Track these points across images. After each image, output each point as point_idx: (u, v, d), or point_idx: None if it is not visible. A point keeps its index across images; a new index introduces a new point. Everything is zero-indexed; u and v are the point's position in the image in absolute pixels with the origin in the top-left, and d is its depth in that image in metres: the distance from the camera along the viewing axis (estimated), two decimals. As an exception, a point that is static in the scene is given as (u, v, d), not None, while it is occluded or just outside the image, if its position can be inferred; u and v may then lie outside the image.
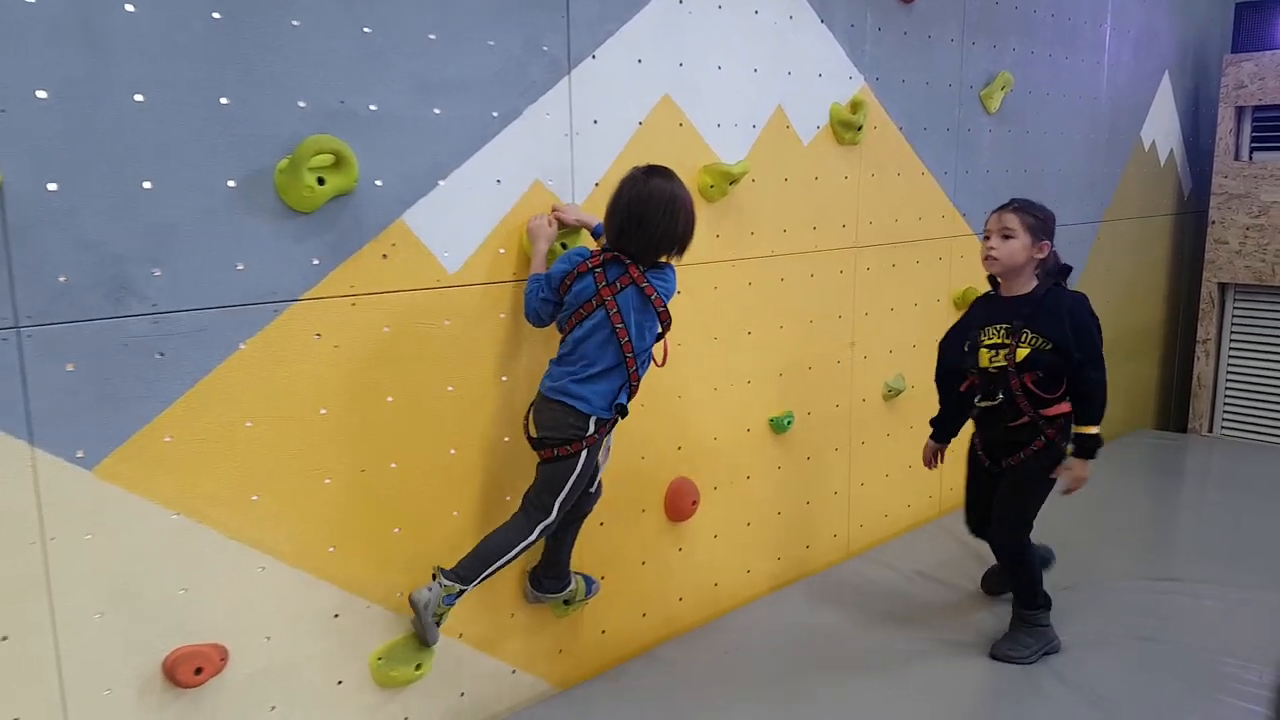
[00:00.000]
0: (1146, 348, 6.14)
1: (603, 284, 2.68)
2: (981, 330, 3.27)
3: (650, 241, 2.67)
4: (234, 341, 2.38)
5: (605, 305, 2.67)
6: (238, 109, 2.31)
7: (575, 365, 2.71)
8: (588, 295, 2.68)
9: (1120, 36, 5.29)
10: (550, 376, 2.76)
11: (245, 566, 2.47)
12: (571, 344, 2.72)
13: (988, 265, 3.27)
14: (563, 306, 2.75)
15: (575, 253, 2.77)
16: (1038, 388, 3.19)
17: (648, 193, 2.65)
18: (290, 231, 2.43)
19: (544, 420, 2.75)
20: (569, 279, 2.70)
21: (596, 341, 2.69)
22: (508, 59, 2.78)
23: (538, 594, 3.03)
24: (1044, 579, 3.44)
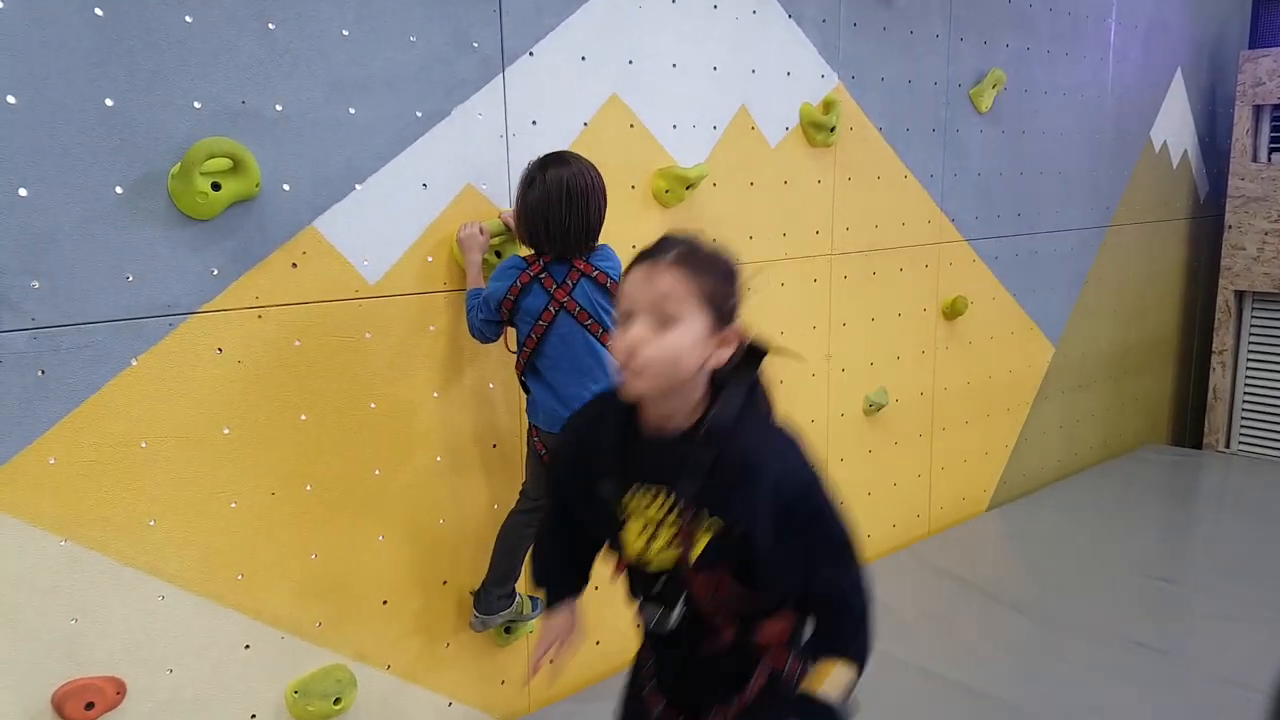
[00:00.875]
0: (1159, 359, 5.88)
1: (553, 288, 2.52)
2: (612, 482, 1.70)
3: (572, 234, 2.50)
4: (125, 357, 2.24)
5: (565, 308, 2.52)
6: (125, 111, 2.18)
7: (568, 379, 2.55)
8: (541, 305, 2.53)
9: (1127, 32, 5.06)
10: (543, 408, 2.59)
11: (143, 595, 2.33)
12: (550, 361, 2.56)
13: (629, 385, 1.58)
14: (515, 325, 2.59)
15: (510, 265, 2.60)
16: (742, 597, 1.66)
17: (548, 189, 2.47)
18: (186, 240, 2.29)
19: None
20: (512, 294, 2.54)
21: (576, 348, 2.54)
22: (432, 55, 2.63)
23: (486, 618, 2.85)
24: None
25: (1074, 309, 5.10)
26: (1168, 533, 4.55)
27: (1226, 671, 3.17)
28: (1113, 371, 5.49)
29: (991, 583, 3.87)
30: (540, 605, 2.94)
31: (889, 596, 3.68)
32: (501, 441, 2.91)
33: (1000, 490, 4.85)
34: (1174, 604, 3.75)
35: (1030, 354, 4.89)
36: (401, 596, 2.76)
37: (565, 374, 2.56)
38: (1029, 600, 3.73)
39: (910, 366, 4.23)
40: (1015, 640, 3.47)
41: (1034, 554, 4.23)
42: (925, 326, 4.26)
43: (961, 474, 4.61)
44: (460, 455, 2.83)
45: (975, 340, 4.54)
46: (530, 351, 2.56)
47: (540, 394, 2.60)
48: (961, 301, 4.30)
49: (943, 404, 4.43)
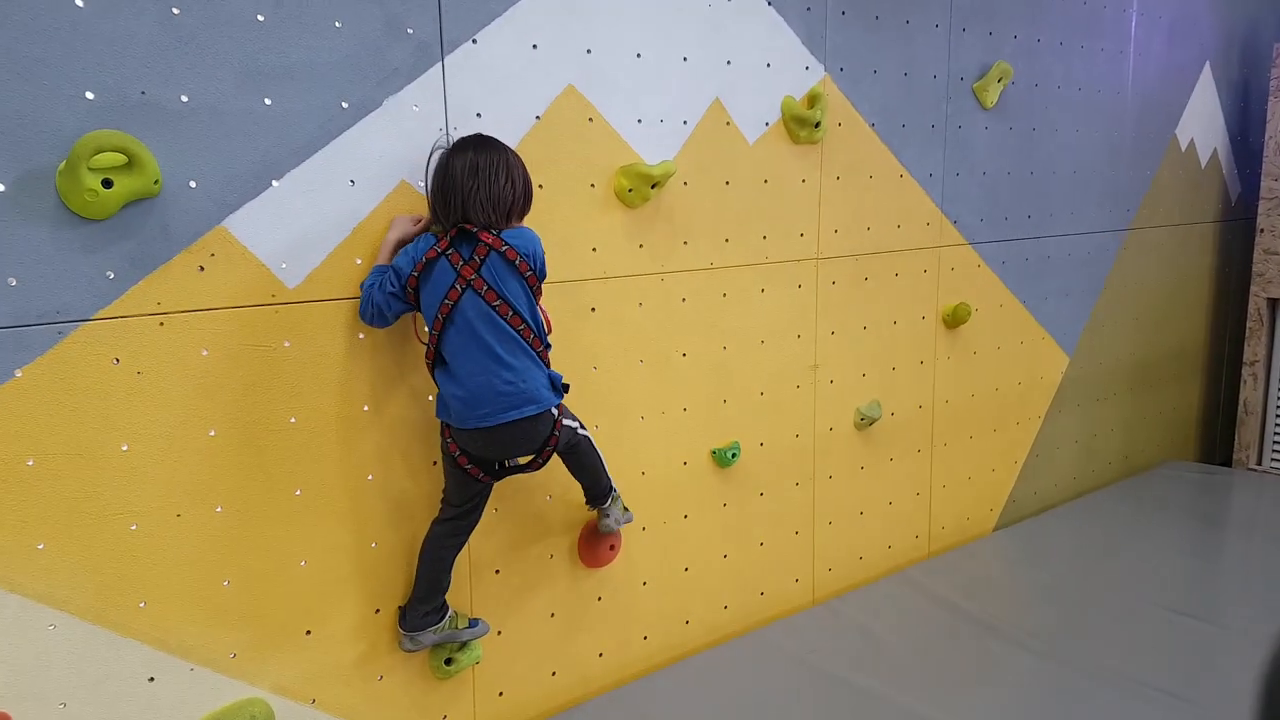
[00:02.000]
0: (1185, 370, 5.56)
1: (459, 264, 2.37)
2: None
3: (476, 206, 2.38)
4: (7, 368, 2.07)
5: (472, 285, 2.37)
6: (5, 103, 2.00)
7: (475, 367, 2.38)
8: (447, 283, 2.37)
9: (1150, 23, 4.76)
10: (452, 402, 2.43)
11: (30, 624, 2.15)
12: (455, 347, 2.40)
13: None
14: (421, 308, 2.43)
15: (418, 242, 2.45)
16: None
17: (452, 163, 2.39)
18: (77, 241, 2.11)
19: (508, 444, 2.48)
20: (417, 269, 2.39)
21: (481, 331, 2.38)
22: (360, 42, 2.44)
23: (416, 636, 2.64)
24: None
25: (1090, 317, 4.81)
26: (1194, 559, 4.17)
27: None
28: (1133, 383, 5.19)
29: (993, 613, 3.59)
30: (481, 624, 2.75)
31: (876, 626, 3.48)
32: (441, 458, 2.71)
33: (1008, 509, 4.58)
34: (1201, 643, 3.39)
35: (1042, 364, 4.61)
36: (327, 626, 2.57)
37: (472, 361, 2.39)
38: (1034, 634, 3.43)
39: (907, 378, 3.98)
40: (1016, 680, 3.17)
41: (1043, 581, 3.92)
42: (924, 335, 4.01)
43: (965, 492, 4.35)
44: (395, 473, 2.64)
45: (980, 350, 4.27)
46: (438, 336, 2.41)
47: (448, 386, 2.44)
48: (964, 309, 4.04)
49: (944, 418, 4.17)
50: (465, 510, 2.61)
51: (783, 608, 3.67)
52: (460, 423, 2.44)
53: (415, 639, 2.64)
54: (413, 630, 2.63)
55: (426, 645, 2.66)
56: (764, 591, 3.60)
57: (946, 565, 4.05)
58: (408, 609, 2.64)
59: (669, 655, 3.33)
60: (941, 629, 3.50)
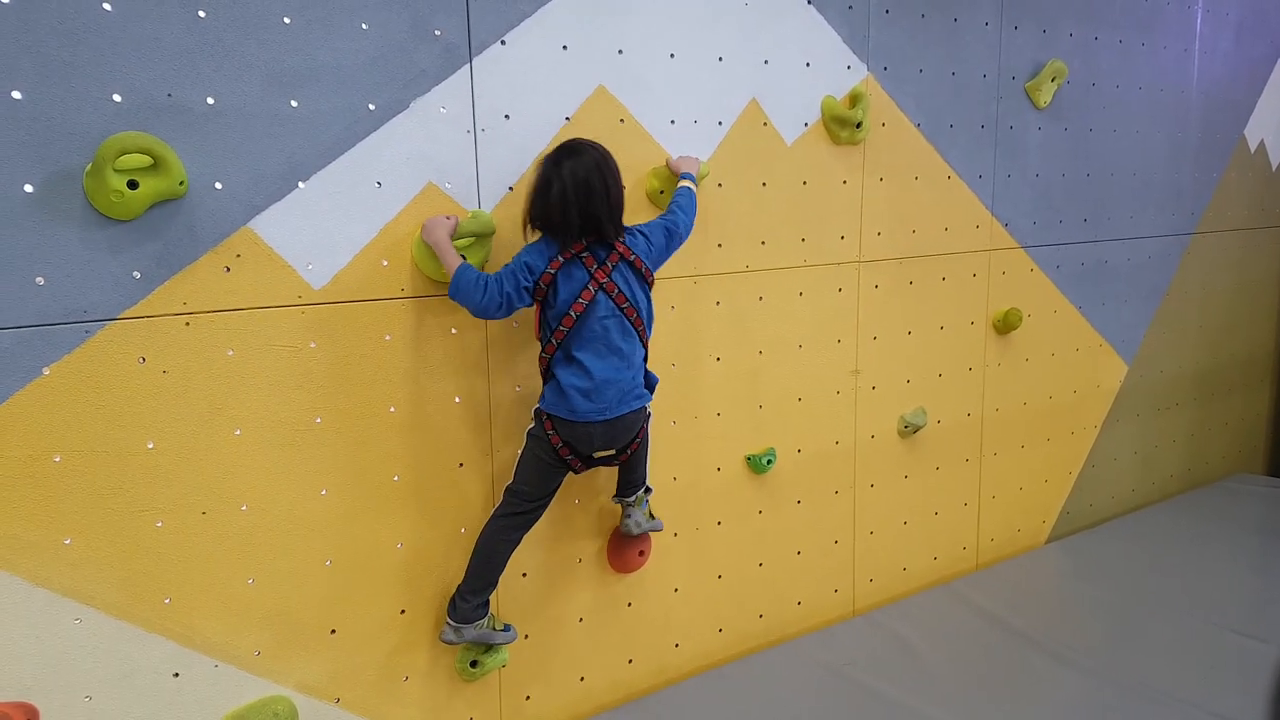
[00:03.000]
0: (1253, 379, 5.35)
1: (594, 267, 2.51)
2: None
3: (602, 221, 2.50)
4: (35, 366, 2.11)
5: (604, 289, 2.52)
6: (34, 105, 2.05)
7: (603, 362, 2.53)
8: (581, 284, 2.50)
9: (1216, 20, 4.60)
10: (571, 392, 2.51)
11: (57, 617, 2.20)
12: (584, 342, 2.51)
13: None
14: (546, 305, 2.52)
15: (545, 243, 2.52)
16: None
17: (565, 185, 2.46)
18: (104, 241, 2.15)
19: (616, 435, 2.58)
20: (553, 267, 2.48)
21: (611, 331, 2.53)
22: (387, 44, 2.44)
23: (462, 628, 2.63)
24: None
25: (1152, 324, 4.65)
26: (1259, 577, 3.99)
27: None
28: (1198, 393, 5.01)
29: (1039, 628, 3.48)
30: (512, 630, 2.74)
31: (916, 638, 3.39)
32: (469, 461, 2.71)
33: (1062, 521, 4.45)
34: (1262, 666, 3.21)
35: (1099, 373, 4.47)
36: (353, 625, 2.58)
37: (600, 356, 2.52)
38: (1081, 651, 3.32)
39: (955, 385, 3.88)
40: (1058, 698, 3.07)
41: (1095, 596, 3.78)
42: (973, 341, 3.91)
43: (1016, 503, 4.23)
44: (420, 475, 2.64)
45: (1033, 357, 4.15)
46: (566, 332, 2.50)
47: (569, 378, 2.52)
48: (1015, 314, 3.93)
49: (994, 426, 4.06)
50: (538, 505, 2.65)
51: (821, 618, 3.60)
52: (578, 415, 2.52)
53: (460, 631, 2.64)
54: (462, 622, 2.63)
55: (466, 640, 2.66)
56: (801, 601, 3.54)
57: (994, 578, 3.94)
58: (457, 599, 2.64)
59: (701, 663, 3.29)
60: (984, 643, 3.41)
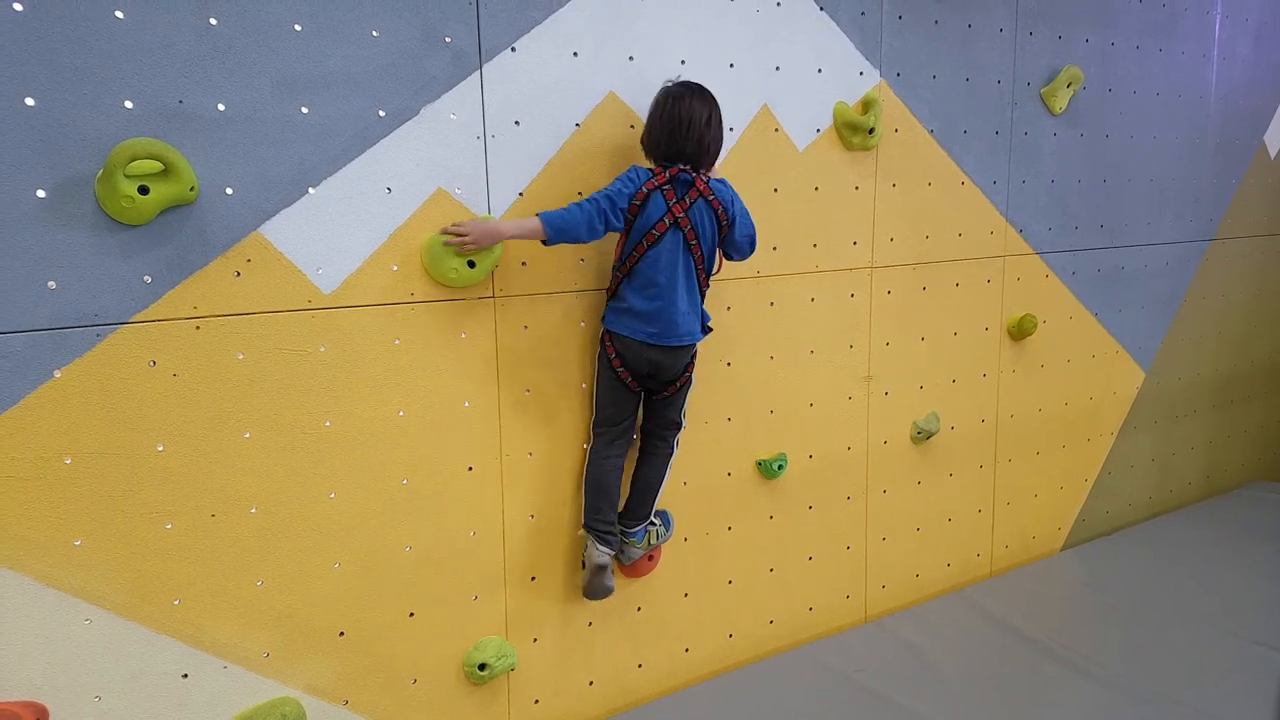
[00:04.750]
0: (1273, 386, 5.30)
1: (672, 201, 2.65)
2: None
3: (705, 145, 2.67)
4: (47, 369, 2.14)
5: (678, 224, 2.66)
6: (47, 111, 2.07)
7: (657, 293, 2.68)
8: (658, 216, 2.64)
9: (1235, 25, 4.56)
10: (632, 314, 2.69)
11: (67, 618, 2.22)
12: (646, 274, 2.67)
13: None
14: (626, 231, 2.66)
15: (634, 172, 2.66)
16: None
17: (692, 102, 2.64)
18: (115, 246, 2.17)
19: (664, 365, 2.74)
20: (638, 198, 2.62)
21: (675, 265, 2.67)
22: (398, 51, 2.46)
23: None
24: None
25: (1169, 331, 4.62)
26: (1278, 587, 3.94)
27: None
28: (1216, 400, 4.96)
29: (1052, 635, 3.46)
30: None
31: (928, 645, 3.38)
32: (479, 465, 2.72)
33: (1078, 529, 4.42)
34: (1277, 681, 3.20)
35: (1115, 379, 4.43)
36: (361, 628, 2.59)
37: (659, 288, 2.67)
38: (1094, 659, 3.29)
39: (969, 391, 3.86)
40: (1077, 709, 3.03)
41: (1109, 604, 3.75)
42: (987, 347, 3.89)
43: (1031, 510, 4.20)
44: (430, 478, 2.65)
45: (1048, 363, 4.13)
46: (638, 258, 2.65)
47: (634, 300, 2.68)
48: (1030, 320, 3.91)
49: (1008, 432, 4.04)
50: (623, 426, 2.82)
51: (832, 624, 3.59)
52: (633, 333, 2.69)
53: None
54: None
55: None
56: (813, 607, 3.53)
57: (1008, 585, 3.92)
58: (591, 529, 2.83)
59: (711, 668, 3.28)
60: (997, 651, 3.39)
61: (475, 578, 2.76)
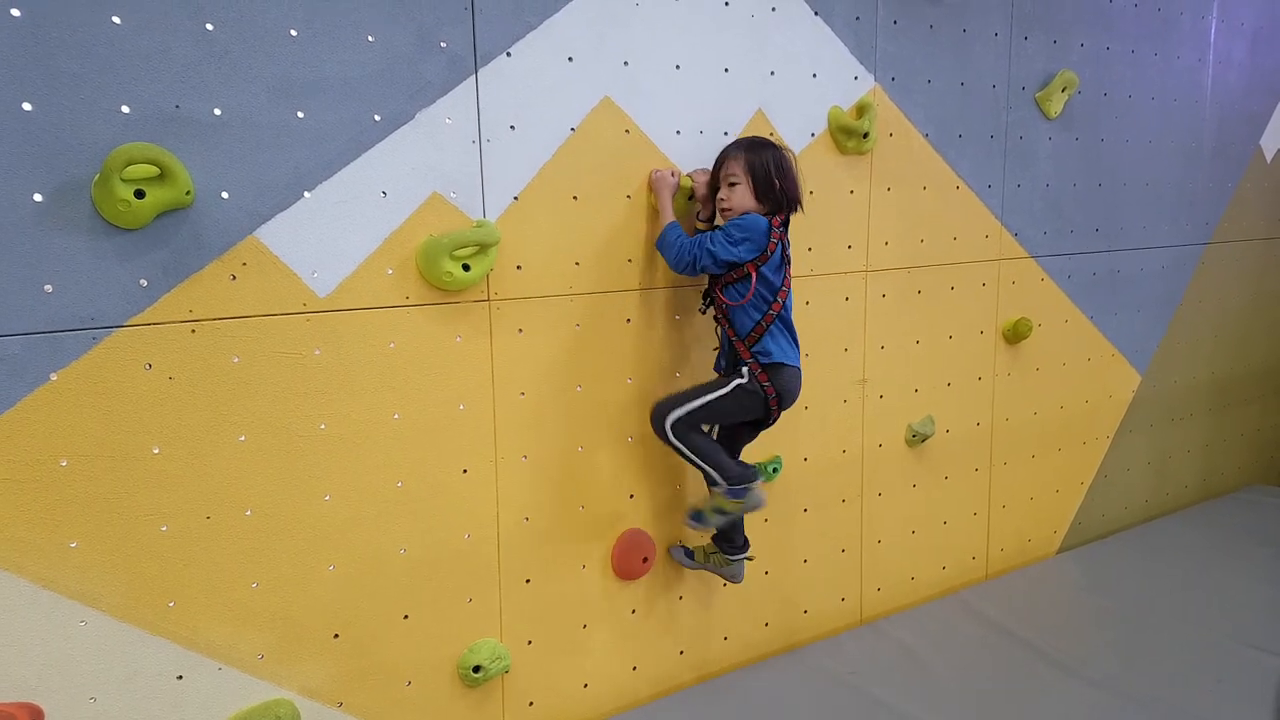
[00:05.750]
0: (1270, 391, 5.31)
1: (788, 247, 2.82)
2: None
3: (799, 201, 2.85)
4: (43, 372, 2.15)
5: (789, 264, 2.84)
6: (44, 116, 2.08)
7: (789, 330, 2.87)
8: (783, 259, 2.80)
9: (1230, 30, 4.58)
10: (782, 349, 2.82)
11: (62, 619, 2.23)
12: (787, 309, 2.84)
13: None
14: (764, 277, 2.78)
15: (758, 219, 2.75)
16: None
17: (790, 159, 2.81)
18: (111, 250, 2.19)
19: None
20: (771, 250, 2.75)
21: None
22: (393, 56, 2.47)
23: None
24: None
25: (1165, 334, 4.63)
26: (1275, 590, 3.94)
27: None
28: (1213, 403, 4.97)
29: (1047, 639, 3.47)
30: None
31: (923, 648, 3.39)
32: (473, 467, 2.73)
33: (1073, 532, 4.43)
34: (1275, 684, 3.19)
35: (1111, 383, 4.45)
36: (355, 630, 2.60)
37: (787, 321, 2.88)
38: (1094, 664, 3.30)
39: (964, 394, 3.88)
40: (1072, 713, 3.03)
41: (1105, 607, 3.76)
42: (982, 351, 3.91)
43: (1026, 513, 4.22)
44: (425, 481, 2.66)
45: (1044, 366, 4.14)
46: (781, 304, 2.80)
47: (779, 341, 2.83)
48: (1025, 324, 3.93)
49: (1004, 436, 4.05)
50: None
51: (827, 627, 3.60)
52: (793, 362, 2.84)
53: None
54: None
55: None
56: (808, 610, 3.54)
57: (1003, 588, 3.93)
58: (717, 485, 2.88)
59: (705, 671, 3.30)
60: (992, 654, 3.40)
61: (470, 580, 2.77)
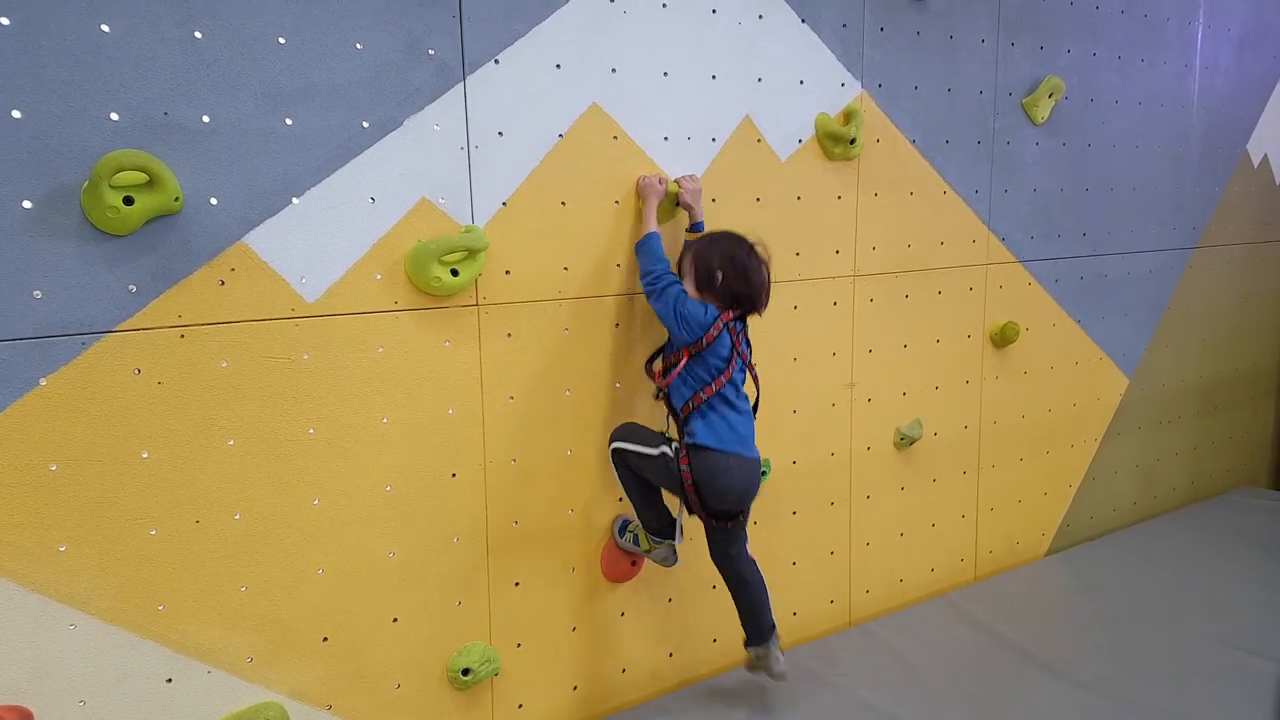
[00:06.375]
0: (1258, 393, 5.35)
1: (736, 337, 2.77)
2: None
3: (763, 300, 2.81)
4: (32, 377, 2.16)
5: (740, 357, 2.78)
6: (33, 123, 2.10)
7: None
8: (727, 351, 2.74)
9: (1218, 36, 4.61)
10: (714, 432, 2.73)
11: (52, 623, 2.24)
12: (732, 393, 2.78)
13: None
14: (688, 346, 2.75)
15: (704, 307, 2.74)
16: None
17: (752, 263, 2.76)
18: (101, 256, 2.20)
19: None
20: (717, 330, 2.72)
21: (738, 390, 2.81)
22: (381, 63, 2.49)
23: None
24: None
25: (1153, 338, 4.66)
26: (1263, 591, 3.96)
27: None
28: (1201, 406, 5.00)
29: (1036, 641, 3.49)
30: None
31: (911, 650, 3.41)
32: (462, 471, 2.75)
33: (1062, 534, 4.45)
34: (1265, 682, 3.19)
35: (1099, 386, 4.47)
36: (344, 633, 2.62)
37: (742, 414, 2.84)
38: (1083, 667, 3.31)
39: (951, 397, 3.90)
40: (1060, 716, 3.04)
41: (1093, 609, 3.78)
42: (970, 354, 3.93)
43: (1015, 516, 4.24)
44: (413, 485, 2.68)
45: (1031, 370, 4.17)
46: (715, 390, 2.75)
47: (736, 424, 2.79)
48: (1012, 328, 3.95)
49: (991, 439, 4.08)
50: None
51: (816, 629, 3.62)
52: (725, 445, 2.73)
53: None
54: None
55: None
56: (796, 612, 3.56)
57: (992, 590, 3.95)
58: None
59: (695, 673, 3.31)
60: (981, 656, 3.42)
61: (459, 583, 2.79)
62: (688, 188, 2.94)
